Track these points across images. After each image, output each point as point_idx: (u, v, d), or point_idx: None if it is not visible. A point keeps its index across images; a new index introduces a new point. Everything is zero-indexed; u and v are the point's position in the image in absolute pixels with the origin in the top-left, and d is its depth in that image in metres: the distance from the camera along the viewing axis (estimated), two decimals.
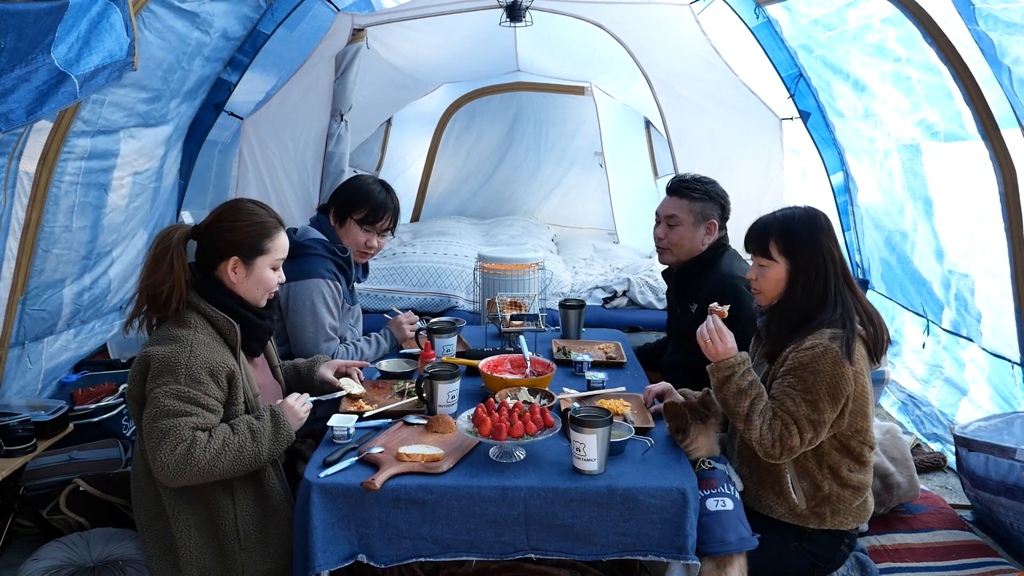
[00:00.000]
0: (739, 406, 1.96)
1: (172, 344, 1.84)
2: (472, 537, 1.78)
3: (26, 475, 2.62)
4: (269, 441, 1.87)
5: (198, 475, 1.77)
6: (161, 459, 1.75)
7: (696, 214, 2.69)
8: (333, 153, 4.02)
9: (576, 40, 4.69)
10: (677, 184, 2.75)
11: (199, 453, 1.75)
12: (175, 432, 1.75)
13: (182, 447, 1.75)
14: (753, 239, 2.11)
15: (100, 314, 3.50)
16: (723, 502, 1.86)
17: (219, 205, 2.05)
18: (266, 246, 2.01)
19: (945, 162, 3.29)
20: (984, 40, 2.57)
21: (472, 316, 3.89)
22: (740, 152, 4.00)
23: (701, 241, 2.70)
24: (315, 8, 4.21)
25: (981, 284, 3.24)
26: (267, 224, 2.02)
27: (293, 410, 1.96)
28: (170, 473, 1.75)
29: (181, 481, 1.77)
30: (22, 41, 1.77)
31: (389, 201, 2.68)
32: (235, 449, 1.81)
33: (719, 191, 2.74)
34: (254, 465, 1.86)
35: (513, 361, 2.42)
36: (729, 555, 1.81)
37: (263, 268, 2.02)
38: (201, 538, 1.89)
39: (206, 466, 1.76)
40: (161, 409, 1.77)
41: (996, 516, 2.63)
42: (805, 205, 2.12)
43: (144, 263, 1.94)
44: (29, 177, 2.61)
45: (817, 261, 2.01)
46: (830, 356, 1.89)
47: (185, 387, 1.80)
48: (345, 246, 2.66)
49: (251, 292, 2.02)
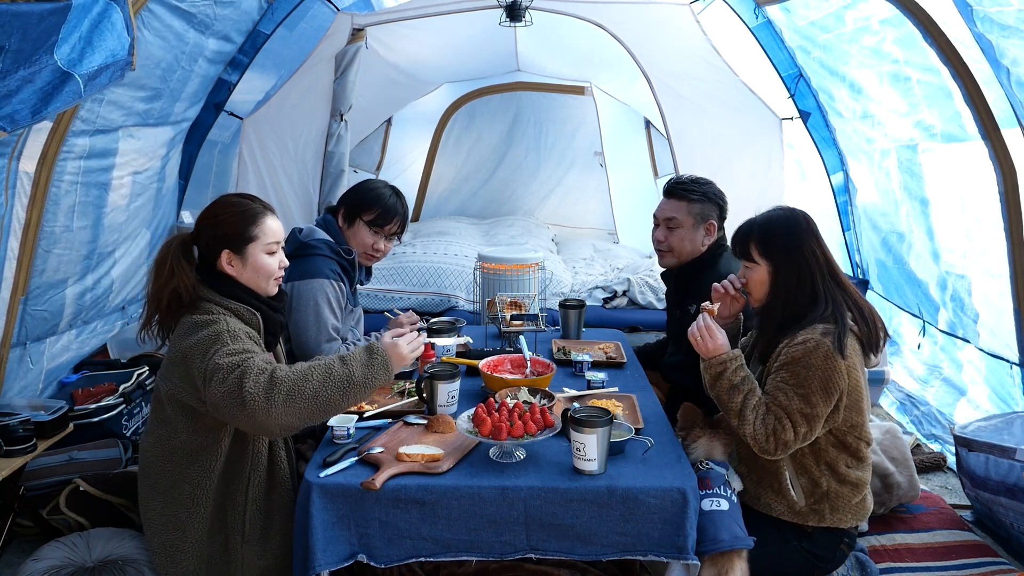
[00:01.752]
0: (732, 402, 1.98)
1: (204, 328, 1.84)
2: (472, 537, 1.78)
3: (26, 475, 2.62)
4: (361, 365, 1.80)
5: (289, 400, 1.70)
6: (250, 395, 1.68)
7: (696, 215, 2.67)
8: (333, 153, 4.02)
9: (576, 40, 4.69)
10: (675, 186, 2.73)
11: (281, 375, 1.72)
12: (251, 368, 1.72)
13: (264, 377, 1.71)
14: (736, 242, 2.14)
15: (102, 314, 3.50)
16: (718, 503, 1.88)
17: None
18: (252, 233, 1.98)
19: (943, 162, 3.29)
20: (983, 41, 2.57)
21: (472, 316, 3.90)
22: (740, 152, 4.00)
23: (701, 242, 2.69)
24: (315, 8, 4.21)
25: (979, 285, 3.24)
26: (249, 211, 2.00)
27: (395, 345, 1.89)
28: (262, 407, 1.68)
29: (277, 414, 1.69)
30: (26, 42, 1.78)
31: (399, 206, 2.70)
32: (323, 369, 1.76)
33: (716, 191, 2.72)
34: (351, 389, 1.77)
35: (513, 361, 2.42)
36: (730, 559, 1.81)
37: (256, 255, 1.99)
38: (210, 529, 1.91)
39: (292, 389, 1.70)
40: (225, 366, 1.73)
41: (996, 516, 2.64)
42: (787, 206, 2.14)
43: (148, 273, 1.96)
44: (29, 177, 2.61)
45: (798, 261, 2.02)
46: (822, 350, 1.90)
47: (234, 346, 1.79)
48: (350, 248, 2.66)
49: (255, 281, 2.00)
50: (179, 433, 1.91)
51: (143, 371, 3.21)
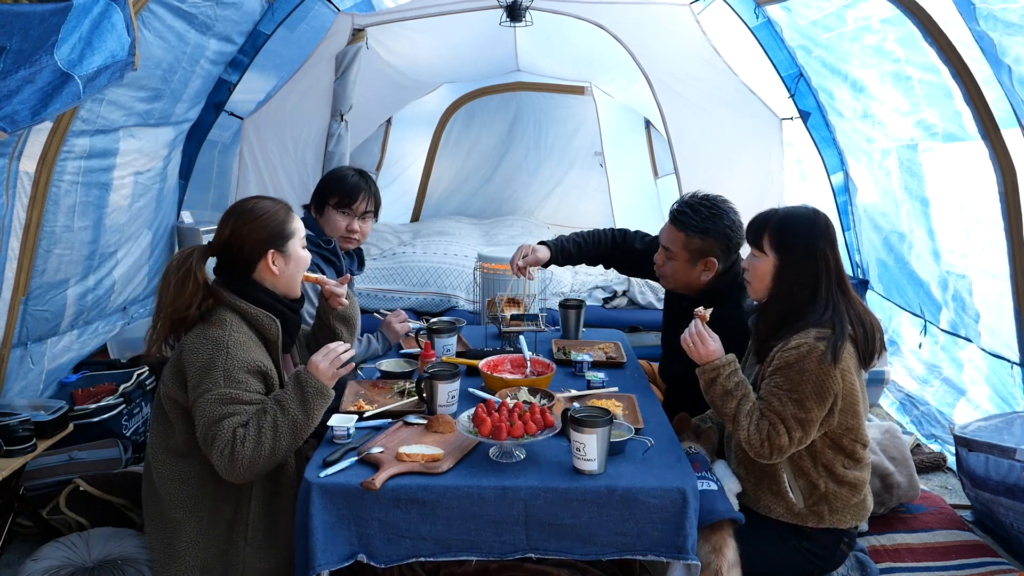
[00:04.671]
0: (726, 407, 1.98)
1: (208, 348, 1.86)
2: (472, 537, 1.78)
3: (26, 475, 2.62)
4: (298, 404, 1.86)
5: (252, 465, 1.79)
6: (217, 464, 1.80)
7: (692, 252, 2.44)
8: (333, 153, 4.02)
9: (576, 40, 4.69)
10: (677, 213, 2.47)
11: (239, 448, 1.78)
12: (220, 436, 1.79)
13: (227, 449, 1.78)
14: (751, 229, 2.12)
15: (104, 315, 3.50)
16: (708, 484, 1.95)
17: (224, 218, 2.05)
18: (290, 229, 2.06)
19: (943, 162, 3.29)
20: (984, 39, 2.57)
21: (472, 316, 3.90)
22: (740, 152, 4.00)
23: (698, 277, 2.48)
24: (315, 8, 4.21)
25: (979, 284, 3.24)
26: (280, 210, 2.07)
27: (314, 365, 1.92)
28: (229, 474, 1.80)
29: (245, 476, 1.81)
30: (27, 42, 1.78)
31: (363, 183, 2.71)
32: (270, 426, 1.82)
33: (722, 226, 2.41)
34: (301, 429, 1.86)
35: (513, 361, 2.42)
36: (723, 536, 1.84)
37: (297, 249, 2.07)
38: (212, 532, 1.92)
39: (253, 456, 1.79)
40: (208, 418, 1.81)
41: (996, 516, 2.64)
42: (810, 205, 2.12)
43: (164, 288, 1.94)
44: (29, 177, 2.61)
45: (808, 261, 2.01)
46: (815, 355, 1.90)
47: (226, 389, 1.83)
48: (329, 237, 2.68)
49: (292, 280, 2.07)
50: (177, 433, 1.94)
51: (143, 371, 3.21)
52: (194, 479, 1.93)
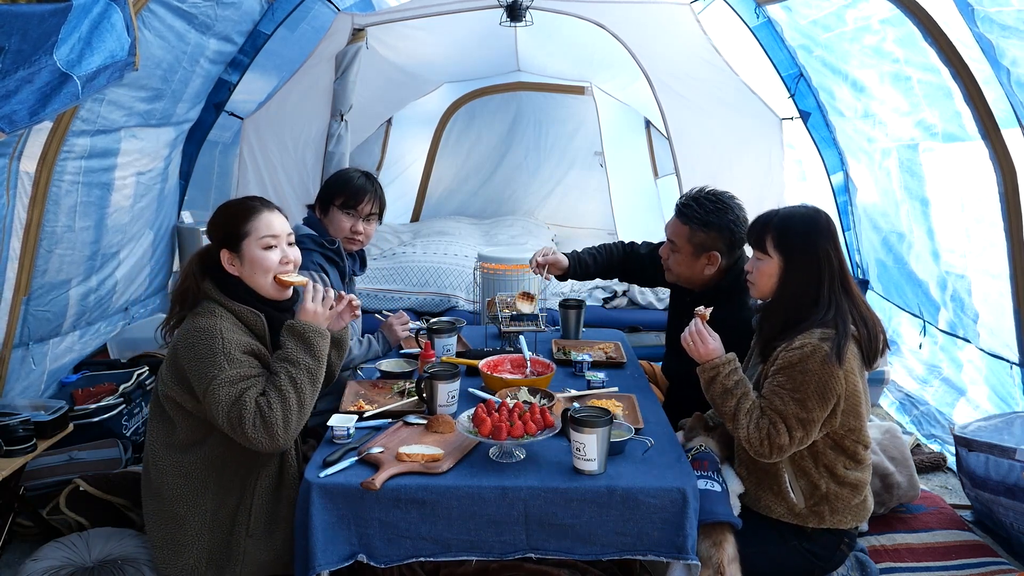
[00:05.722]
0: (725, 405, 1.98)
1: (202, 338, 1.86)
2: (472, 537, 1.78)
3: (26, 475, 2.62)
4: (303, 352, 1.88)
5: (287, 425, 1.80)
6: (255, 440, 1.79)
7: (695, 245, 2.46)
8: (333, 153, 4.02)
9: (576, 40, 4.69)
10: (682, 206, 2.51)
11: (268, 414, 1.79)
12: (245, 412, 1.78)
13: (257, 420, 1.78)
14: (753, 231, 2.12)
15: (106, 315, 3.50)
16: (712, 484, 1.94)
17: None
18: (244, 229, 1.98)
19: (943, 162, 3.29)
20: (983, 41, 2.57)
21: (472, 316, 3.90)
22: (740, 152, 4.00)
23: (702, 271, 2.50)
24: (315, 8, 4.22)
25: (978, 285, 3.24)
26: (241, 209, 2.02)
27: (308, 312, 1.94)
28: (270, 443, 1.79)
29: (286, 439, 1.81)
30: (26, 43, 1.78)
31: (368, 185, 2.72)
32: (288, 383, 1.83)
33: (728, 219, 2.43)
34: (316, 376, 1.89)
35: (513, 361, 2.42)
36: (723, 533, 1.84)
37: (252, 250, 1.98)
38: (215, 524, 1.93)
39: (284, 416, 1.80)
40: (225, 403, 1.80)
41: (996, 516, 2.64)
42: (812, 205, 2.11)
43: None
44: (29, 177, 2.61)
45: (811, 262, 2.00)
46: (819, 356, 1.90)
47: (231, 371, 1.83)
48: (333, 238, 2.68)
49: (257, 280, 1.99)
50: (175, 429, 1.94)
51: (143, 371, 3.21)
52: (196, 473, 1.93)
